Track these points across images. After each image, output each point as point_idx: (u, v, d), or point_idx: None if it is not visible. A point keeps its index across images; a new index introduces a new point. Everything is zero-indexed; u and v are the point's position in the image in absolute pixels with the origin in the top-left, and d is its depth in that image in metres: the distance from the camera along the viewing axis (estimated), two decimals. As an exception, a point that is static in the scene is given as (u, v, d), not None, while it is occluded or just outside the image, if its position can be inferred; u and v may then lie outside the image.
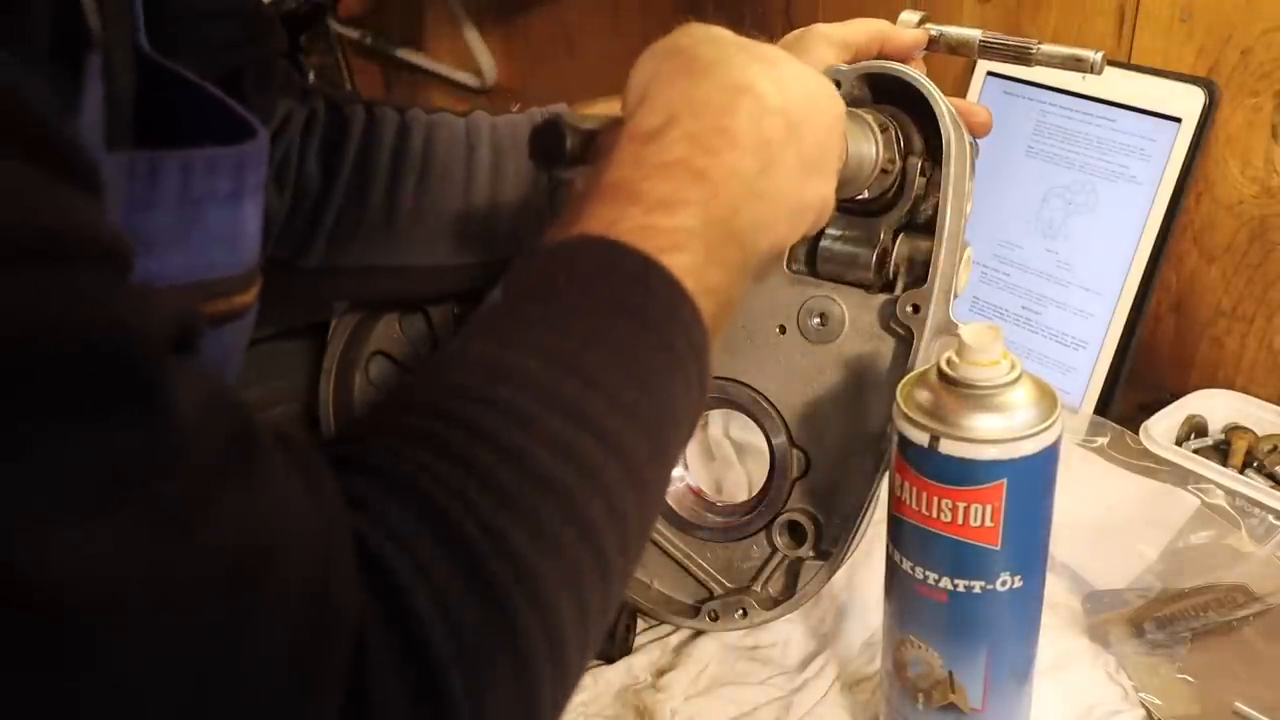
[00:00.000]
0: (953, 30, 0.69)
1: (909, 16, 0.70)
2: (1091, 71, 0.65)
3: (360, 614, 0.29)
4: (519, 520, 0.32)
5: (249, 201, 0.50)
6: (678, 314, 0.39)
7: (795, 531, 0.68)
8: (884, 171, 0.62)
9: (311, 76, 1.58)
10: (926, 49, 0.71)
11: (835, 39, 0.66)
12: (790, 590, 0.68)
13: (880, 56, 0.67)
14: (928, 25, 0.70)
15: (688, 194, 0.41)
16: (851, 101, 0.63)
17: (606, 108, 0.79)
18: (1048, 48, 0.66)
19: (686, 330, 0.39)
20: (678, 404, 0.38)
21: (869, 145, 0.60)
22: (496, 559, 0.31)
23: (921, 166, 0.63)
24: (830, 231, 0.66)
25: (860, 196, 0.63)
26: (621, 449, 0.35)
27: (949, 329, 0.63)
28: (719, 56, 0.46)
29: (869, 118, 0.60)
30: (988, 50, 0.69)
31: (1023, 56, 0.67)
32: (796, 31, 0.67)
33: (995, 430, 0.52)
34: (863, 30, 0.67)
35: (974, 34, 0.69)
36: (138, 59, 0.48)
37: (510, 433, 0.33)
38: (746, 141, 0.44)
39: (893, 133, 0.62)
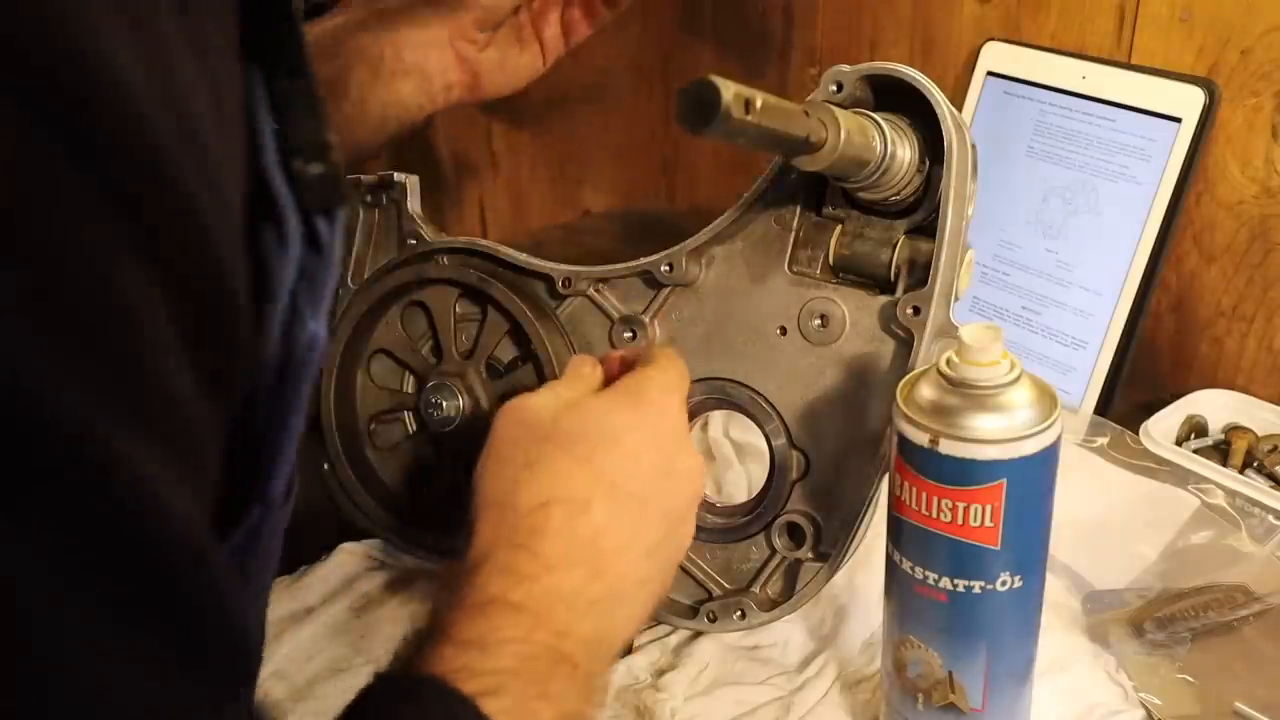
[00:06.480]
0: None
1: None
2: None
3: None
4: None
5: None
6: None
7: (795, 533, 0.68)
8: (918, 172, 0.62)
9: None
10: None
11: None
12: (789, 592, 0.68)
13: None
14: None
15: (504, 632, 0.40)
16: (853, 102, 0.64)
17: None
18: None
19: None
20: None
21: (876, 141, 0.60)
22: None
23: (920, 167, 0.64)
24: (849, 229, 0.66)
25: (894, 198, 0.64)
26: None
27: (949, 332, 0.63)
28: (531, 459, 0.44)
29: (877, 118, 0.61)
30: None
31: None
32: None
33: (995, 430, 0.52)
34: None
35: None
36: None
37: None
38: (564, 557, 0.42)
39: (914, 134, 0.63)
